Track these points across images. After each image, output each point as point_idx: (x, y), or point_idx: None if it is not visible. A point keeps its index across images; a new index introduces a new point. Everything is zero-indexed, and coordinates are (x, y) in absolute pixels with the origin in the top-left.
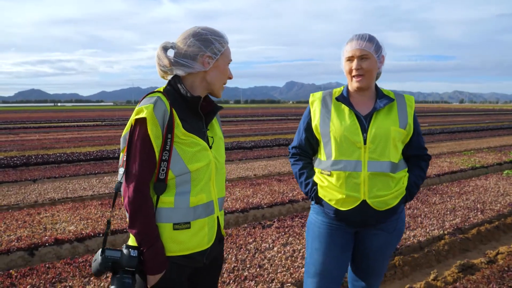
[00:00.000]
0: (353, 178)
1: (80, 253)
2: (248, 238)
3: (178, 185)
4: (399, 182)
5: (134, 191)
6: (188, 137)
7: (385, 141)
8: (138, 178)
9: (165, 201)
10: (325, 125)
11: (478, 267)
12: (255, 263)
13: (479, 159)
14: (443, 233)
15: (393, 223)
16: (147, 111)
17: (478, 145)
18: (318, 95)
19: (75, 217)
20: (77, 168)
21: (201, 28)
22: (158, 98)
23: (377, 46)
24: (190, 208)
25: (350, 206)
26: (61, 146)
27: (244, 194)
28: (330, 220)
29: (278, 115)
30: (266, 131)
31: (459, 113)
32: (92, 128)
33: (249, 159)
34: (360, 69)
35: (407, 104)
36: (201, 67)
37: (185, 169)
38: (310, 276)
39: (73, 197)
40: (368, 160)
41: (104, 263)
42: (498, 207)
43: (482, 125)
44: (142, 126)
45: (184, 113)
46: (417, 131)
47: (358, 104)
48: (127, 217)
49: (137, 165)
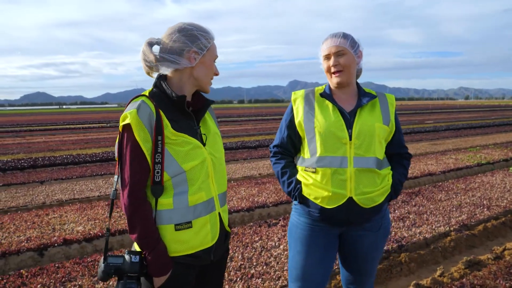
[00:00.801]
0: (339, 175)
1: (89, 253)
2: (254, 236)
3: (176, 186)
4: (385, 179)
5: (129, 197)
6: (179, 136)
7: (370, 137)
8: (131, 184)
9: (164, 203)
10: (309, 121)
11: (485, 263)
12: (262, 261)
13: (485, 155)
14: (449, 230)
15: (378, 222)
16: (131, 116)
17: (484, 141)
18: (300, 92)
19: (83, 217)
20: (84, 169)
21: (187, 23)
22: (141, 102)
23: (352, 42)
24: (189, 208)
25: (336, 203)
26: (67, 148)
27: (250, 193)
28: (313, 222)
29: (282, 114)
30: (271, 130)
31: (464, 110)
32: (97, 130)
33: (253, 158)
34: (338, 65)
35: (388, 102)
36: (187, 62)
37: (180, 169)
38: (292, 280)
39: (80, 198)
40: (354, 156)
41: (106, 270)
42: (505, 203)
43: (488, 121)
44: (128, 132)
45: (172, 113)
46: (398, 129)
47: (341, 101)
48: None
49: (129, 171)
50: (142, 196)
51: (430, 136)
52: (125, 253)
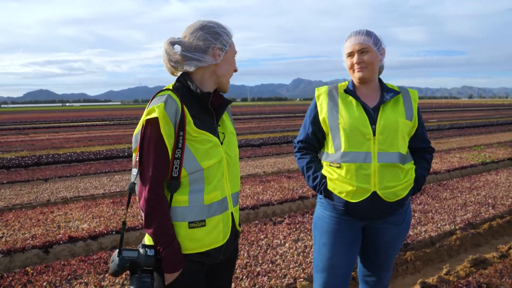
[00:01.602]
0: (363, 170)
1: (94, 251)
2: (259, 234)
3: (192, 183)
4: (408, 173)
5: (149, 191)
6: (200, 134)
7: (394, 132)
8: (153, 179)
9: (180, 200)
10: (334, 117)
11: (491, 262)
12: (267, 259)
13: (489, 154)
14: (454, 228)
15: (401, 216)
16: (159, 110)
17: (488, 140)
18: (323, 89)
19: (88, 215)
20: (88, 167)
21: (207, 21)
22: (168, 96)
23: (375, 39)
24: (204, 206)
25: (361, 198)
26: (71, 145)
27: (254, 191)
28: (338, 215)
29: (286, 112)
30: (274, 128)
31: (468, 109)
32: (100, 128)
33: (257, 156)
34: (362, 62)
35: (411, 97)
36: (212, 59)
37: (198, 166)
38: (318, 271)
39: (85, 195)
40: (378, 152)
41: (121, 263)
42: (510, 202)
43: (492, 120)
44: (154, 126)
45: (194, 110)
46: (421, 124)
47: (364, 97)
48: (143, 217)
49: (151, 166)
50: (162, 191)
51: (434, 135)
52: (139, 247)
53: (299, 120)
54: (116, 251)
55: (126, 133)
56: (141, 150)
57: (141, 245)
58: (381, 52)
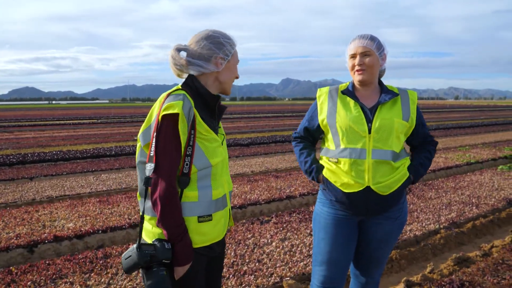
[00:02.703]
0: (358, 165)
1: (80, 250)
2: (246, 233)
3: (200, 179)
4: (399, 168)
5: (167, 185)
6: (209, 133)
7: (389, 131)
8: (170, 173)
9: (190, 195)
10: (332, 117)
11: (473, 260)
12: (254, 258)
13: (474, 154)
14: (439, 228)
15: (396, 213)
16: (178, 107)
17: (473, 141)
18: (325, 89)
19: (74, 214)
20: (74, 165)
21: (212, 31)
22: (184, 95)
23: (378, 44)
24: (212, 201)
25: (355, 189)
26: (57, 144)
27: (242, 190)
28: (335, 211)
29: (275, 112)
30: (263, 128)
31: (454, 110)
32: (87, 126)
33: (246, 156)
34: (362, 64)
35: (410, 98)
36: (214, 67)
37: (207, 163)
38: (317, 264)
39: (70, 194)
40: (373, 149)
41: (142, 257)
42: (493, 201)
43: (477, 121)
44: (172, 122)
45: (202, 111)
46: (422, 122)
47: (363, 98)
48: (158, 212)
49: (168, 160)
50: (176, 186)
51: None
52: (154, 241)
53: (288, 120)
54: (131, 247)
55: (114, 132)
56: (157, 144)
57: (156, 240)
58: (383, 57)
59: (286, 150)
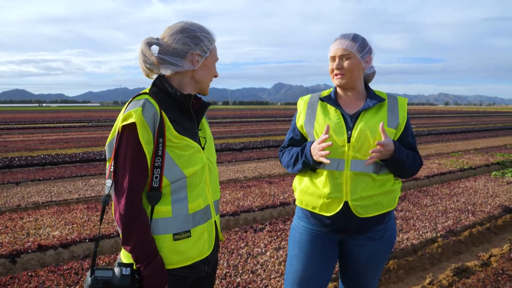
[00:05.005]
0: (335, 178)
1: (65, 260)
2: (239, 242)
3: (174, 192)
4: (384, 185)
5: (126, 205)
6: (181, 140)
7: (370, 140)
8: (130, 190)
9: (162, 211)
10: (310, 124)
11: (473, 270)
12: (248, 268)
13: (467, 160)
14: (436, 236)
15: (379, 232)
16: (136, 115)
17: (465, 146)
18: (305, 98)
19: (60, 221)
20: (62, 170)
21: (189, 24)
22: (146, 100)
23: (361, 46)
24: (189, 216)
25: (335, 210)
26: (46, 147)
27: (235, 197)
28: (312, 226)
29: (267, 116)
30: (255, 132)
31: (444, 115)
32: (78, 129)
33: (238, 161)
34: (341, 68)
35: (399, 105)
36: (190, 65)
37: (181, 174)
38: (288, 285)
39: (57, 200)
40: (352, 159)
41: (94, 284)
42: (489, 208)
43: (468, 126)
44: (131, 132)
45: (174, 114)
46: (410, 133)
47: (346, 104)
48: (120, 233)
49: (128, 176)
50: (140, 203)
51: None
52: (114, 265)
53: (280, 125)
54: (89, 271)
55: (104, 135)
56: (116, 159)
57: (116, 263)
58: (366, 60)
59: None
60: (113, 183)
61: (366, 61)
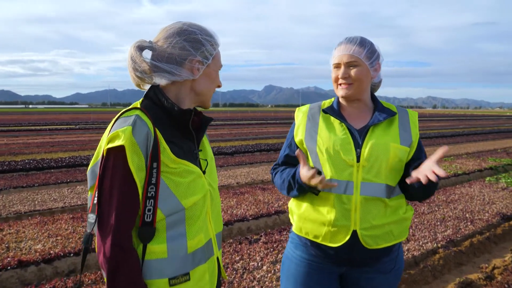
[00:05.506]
0: (343, 203)
1: (48, 276)
2: (234, 255)
3: (170, 228)
4: (396, 212)
5: (113, 246)
6: (179, 164)
7: (382, 159)
8: (117, 228)
9: (156, 251)
10: (312, 140)
11: (477, 284)
12: (244, 285)
13: (460, 165)
14: (436, 247)
15: (388, 264)
16: (124, 136)
17: (457, 150)
18: (304, 108)
19: (43, 233)
20: (47, 176)
21: (188, 24)
22: (136, 117)
23: (369, 52)
24: (188, 256)
25: (341, 240)
26: (31, 151)
27: (228, 204)
28: (311, 257)
29: (258, 119)
30: (247, 135)
31: (433, 118)
32: (65, 132)
33: (230, 165)
34: (348, 77)
35: (410, 120)
36: (189, 74)
37: (178, 206)
38: None
39: (41, 209)
40: (362, 181)
41: None
42: (487, 216)
43: (458, 130)
44: (118, 157)
45: (170, 133)
46: (423, 152)
47: (351, 117)
48: (105, 278)
49: (115, 211)
50: (129, 243)
51: None
52: None
53: (272, 128)
54: None
55: (92, 139)
56: (101, 189)
57: None
58: (375, 67)
59: (271, 159)
60: (96, 219)
61: (375, 69)
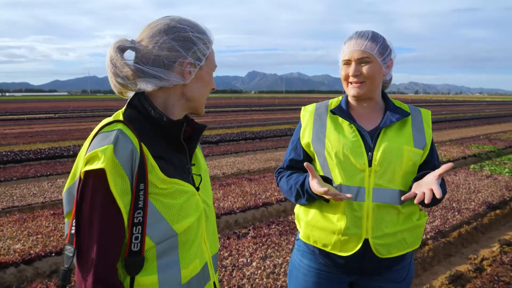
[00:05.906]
0: (354, 211)
1: (29, 278)
2: (223, 251)
3: (161, 256)
4: (409, 219)
5: (95, 283)
6: (170, 184)
7: (396, 164)
8: (100, 263)
9: (145, 283)
10: (319, 142)
11: (467, 277)
12: (234, 283)
13: (444, 152)
14: (426, 238)
15: (401, 272)
16: (105, 157)
17: (440, 137)
18: (310, 107)
19: (23, 231)
20: (26, 169)
21: (176, 20)
22: (119, 132)
23: (382, 48)
24: (182, 286)
25: (352, 249)
26: (8, 142)
27: (215, 197)
28: (320, 266)
29: (242, 105)
30: (231, 123)
31: (415, 104)
32: (44, 121)
33: (215, 155)
34: (359, 75)
35: (423, 119)
36: (179, 78)
37: (170, 232)
38: None
39: (20, 205)
40: (374, 187)
41: None
42: (473, 205)
43: (440, 116)
44: (98, 181)
45: (159, 147)
46: (436, 155)
47: (361, 118)
48: None
49: (96, 242)
50: (115, 278)
51: None
52: None
53: (256, 115)
54: None
55: (72, 128)
56: (79, 217)
57: None
58: (388, 64)
59: (257, 148)
60: (75, 251)
61: (388, 66)
